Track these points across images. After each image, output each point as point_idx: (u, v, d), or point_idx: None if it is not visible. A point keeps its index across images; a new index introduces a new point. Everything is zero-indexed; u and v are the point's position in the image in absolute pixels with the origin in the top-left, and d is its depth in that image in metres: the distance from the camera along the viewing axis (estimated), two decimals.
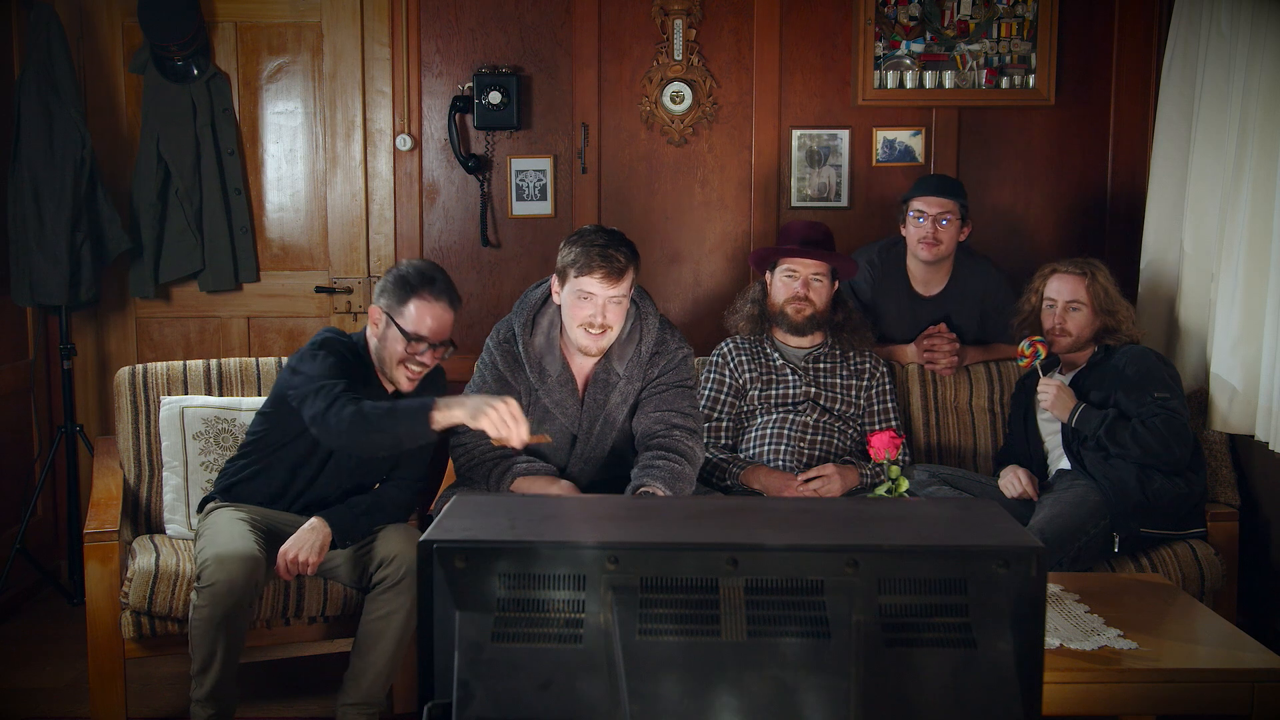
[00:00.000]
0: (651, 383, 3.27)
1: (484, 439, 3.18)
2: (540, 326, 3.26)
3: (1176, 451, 3.42)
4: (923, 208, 3.89)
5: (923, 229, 3.89)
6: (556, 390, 3.23)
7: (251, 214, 4.36)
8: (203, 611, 2.92)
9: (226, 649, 2.94)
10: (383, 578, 3.08)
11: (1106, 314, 3.62)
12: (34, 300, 4.12)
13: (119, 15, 4.30)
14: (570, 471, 3.27)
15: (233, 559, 2.92)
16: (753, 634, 1.52)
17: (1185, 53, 4.00)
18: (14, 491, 4.27)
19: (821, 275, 3.71)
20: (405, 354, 3.06)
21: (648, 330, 3.28)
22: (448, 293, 3.10)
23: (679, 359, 3.31)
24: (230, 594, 2.90)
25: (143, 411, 3.60)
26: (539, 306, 3.29)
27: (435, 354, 3.09)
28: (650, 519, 1.79)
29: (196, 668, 2.98)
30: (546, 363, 3.24)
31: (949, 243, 3.91)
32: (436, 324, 3.06)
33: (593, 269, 3.10)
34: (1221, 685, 2.50)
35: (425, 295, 3.05)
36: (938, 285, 4.02)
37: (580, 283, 3.11)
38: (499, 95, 4.24)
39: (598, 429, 3.24)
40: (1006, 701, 1.52)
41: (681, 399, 3.27)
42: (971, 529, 1.66)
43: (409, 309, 3.05)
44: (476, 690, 1.51)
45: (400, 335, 3.05)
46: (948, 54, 4.33)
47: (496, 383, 3.24)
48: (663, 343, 3.30)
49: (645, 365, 3.27)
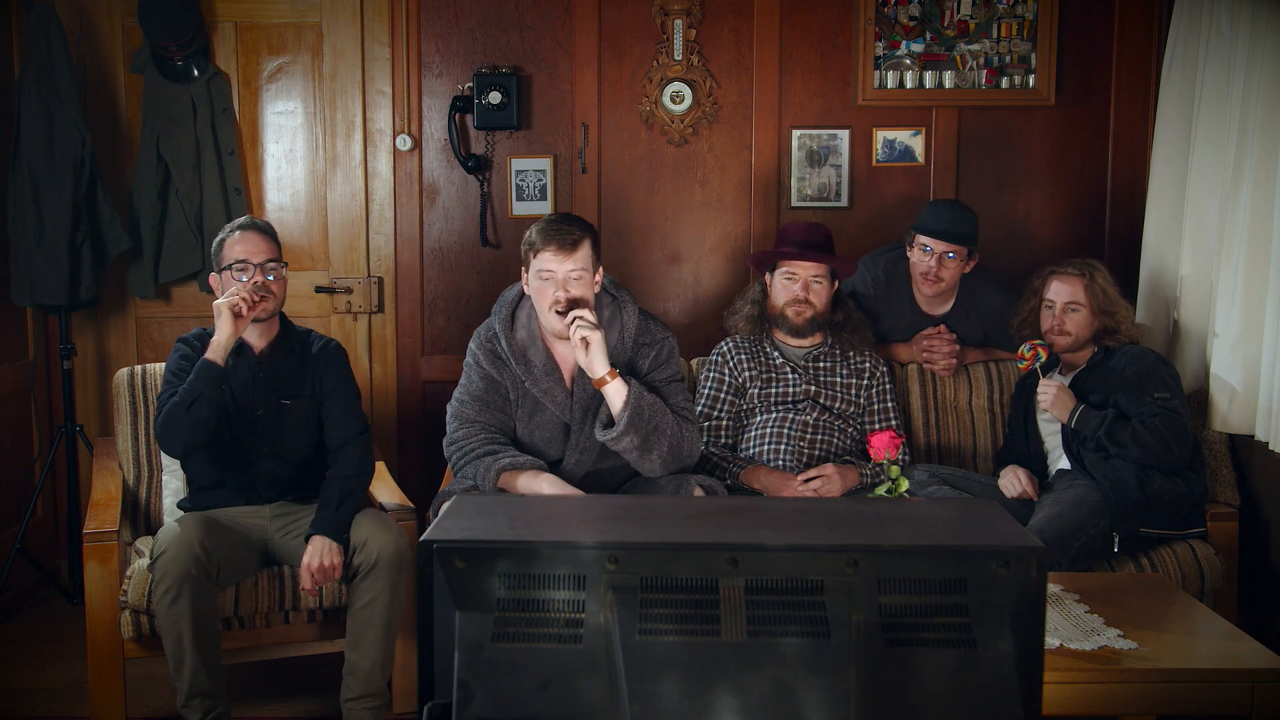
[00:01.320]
0: (643, 380, 3.28)
1: (474, 435, 3.22)
2: (520, 320, 3.30)
3: (1176, 451, 3.42)
4: (929, 243, 3.84)
5: (926, 263, 3.84)
6: (543, 380, 3.25)
7: (251, 214, 4.34)
8: (161, 587, 2.97)
9: (194, 633, 2.96)
10: (359, 564, 3.13)
11: (1105, 315, 3.62)
12: (34, 300, 4.12)
13: (119, 15, 4.30)
14: (566, 463, 3.28)
15: (176, 528, 3.04)
16: (753, 634, 1.52)
17: (1185, 53, 4.00)
18: (14, 491, 4.27)
19: (821, 277, 3.71)
20: (237, 283, 3.23)
21: (628, 317, 3.30)
22: (251, 224, 3.32)
23: (667, 350, 3.34)
24: (178, 558, 2.95)
25: (141, 413, 3.60)
26: (517, 302, 3.33)
27: (263, 271, 3.25)
28: (650, 519, 1.79)
29: (172, 664, 3.00)
30: (530, 354, 3.27)
31: (950, 280, 3.87)
32: (248, 246, 3.25)
33: (546, 244, 3.15)
34: (1221, 685, 2.50)
35: (229, 234, 3.28)
36: (942, 306, 3.99)
37: (539, 261, 3.16)
38: (499, 95, 4.24)
39: (590, 418, 3.25)
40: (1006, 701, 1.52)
41: (675, 394, 3.31)
42: (971, 529, 1.66)
43: (225, 252, 3.27)
44: (476, 690, 1.51)
45: (229, 273, 3.25)
46: (948, 54, 4.33)
47: (483, 381, 3.27)
48: (646, 331, 3.32)
49: (631, 352, 3.28)
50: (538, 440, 3.28)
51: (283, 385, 3.30)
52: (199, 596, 2.98)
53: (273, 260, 3.28)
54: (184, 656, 2.98)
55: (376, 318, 4.45)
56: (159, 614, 3.00)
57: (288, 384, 3.31)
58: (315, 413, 3.34)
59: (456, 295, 4.42)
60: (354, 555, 3.14)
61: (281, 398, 3.29)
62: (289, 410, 3.30)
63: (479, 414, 3.26)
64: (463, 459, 3.23)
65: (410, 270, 4.42)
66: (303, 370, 3.33)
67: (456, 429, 3.28)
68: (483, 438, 3.23)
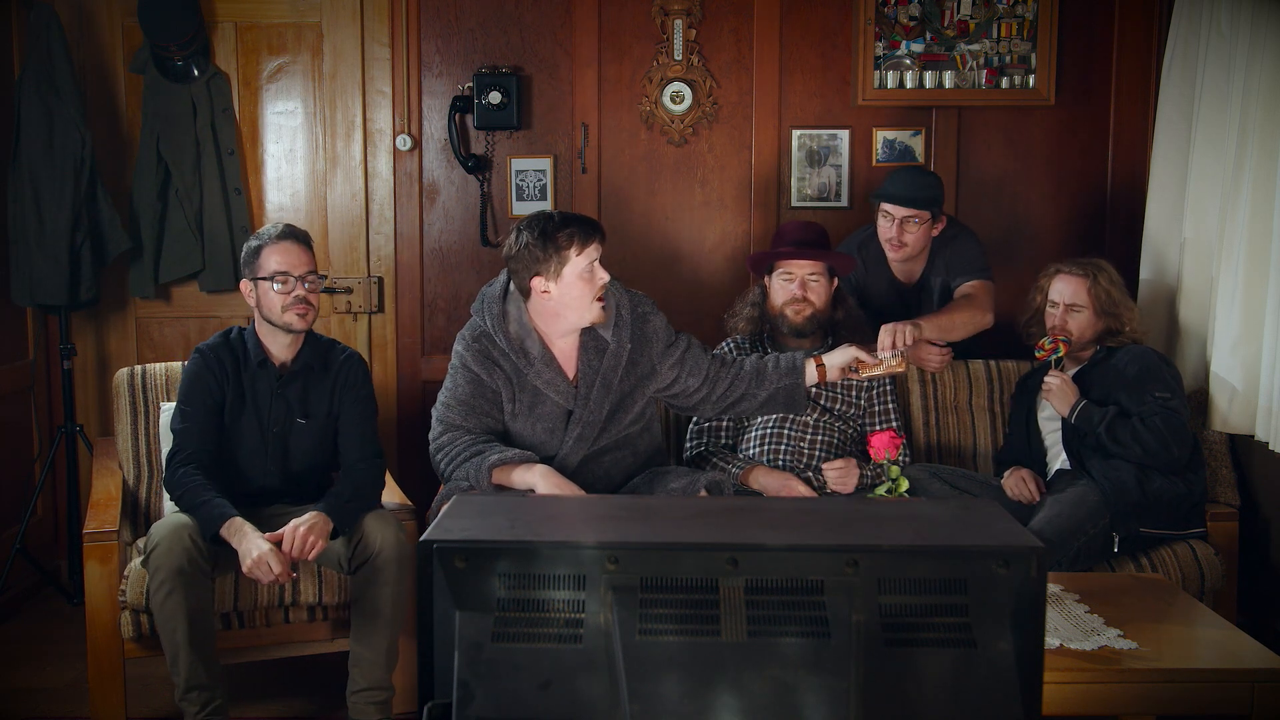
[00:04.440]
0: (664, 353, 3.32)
1: (460, 437, 3.22)
2: (510, 315, 3.27)
3: (1176, 451, 3.42)
4: (889, 209, 3.83)
5: (887, 231, 3.84)
6: (544, 370, 3.23)
7: (251, 214, 4.36)
8: (155, 581, 2.97)
9: (189, 626, 2.97)
10: (362, 556, 3.12)
11: (1109, 316, 3.61)
12: (34, 300, 4.12)
13: (119, 15, 4.30)
14: (563, 450, 3.26)
15: (168, 523, 3.05)
16: (753, 634, 1.52)
17: (1185, 53, 4.00)
18: (14, 491, 4.27)
19: (818, 274, 3.71)
20: (281, 295, 3.19)
21: (612, 291, 3.29)
22: (291, 233, 3.27)
23: (662, 321, 3.36)
24: (170, 552, 2.96)
25: (141, 413, 3.60)
26: (503, 297, 3.30)
27: (304, 284, 3.22)
28: (650, 519, 1.79)
29: (169, 658, 3.01)
30: (528, 345, 3.24)
31: (914, 245, 3.86)
32: (289, 258, 3.21)
33: (591, 238, 3.16)
34: (1221, 685, 2.50)
35: (270, 243, 3.23)
36: (916, 271, 3.99)
37: (587, 253, 3.15)
38: (499, 95, 4.24)
39: (594, 394, 3.25)
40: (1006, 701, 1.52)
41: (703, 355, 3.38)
42: (971, 529, 1.66)
43: (261, 261, 3.22)
44: (476, 690, 1.51)
45: (267, 284, 3.20)
46: (948, 54, 4.33)
47: (469, 384, 3.24)
48: (637, 300, 3.34)
49: (630, 326, 3.29)
50: (539, 432, 3.27)
51: (300, 404, 3.27)
52: (193, 590, 2.98)
53: (312, 272, 3.25)
54: (180, 650, 2.98)
55: (376, 318, 4.45)
56: (154, 608, 3.01)
57: (305, 403, 3.28)
58: (330, 429, 3.32)
59: (456, 295, 4.42)
60: (356, 547, 3.13)
61: (297, 416, 3.27)
62: (302, 429, 3.28)
63: (464, 419, 3.23)
64: (450, 464, 3.21)
65: (410, 270, 4.42)
66: (321, 387, 3.30)
67: (440, 433, 3.25)
68: (467, 440, 3.19)
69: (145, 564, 3.03)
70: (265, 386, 3.23)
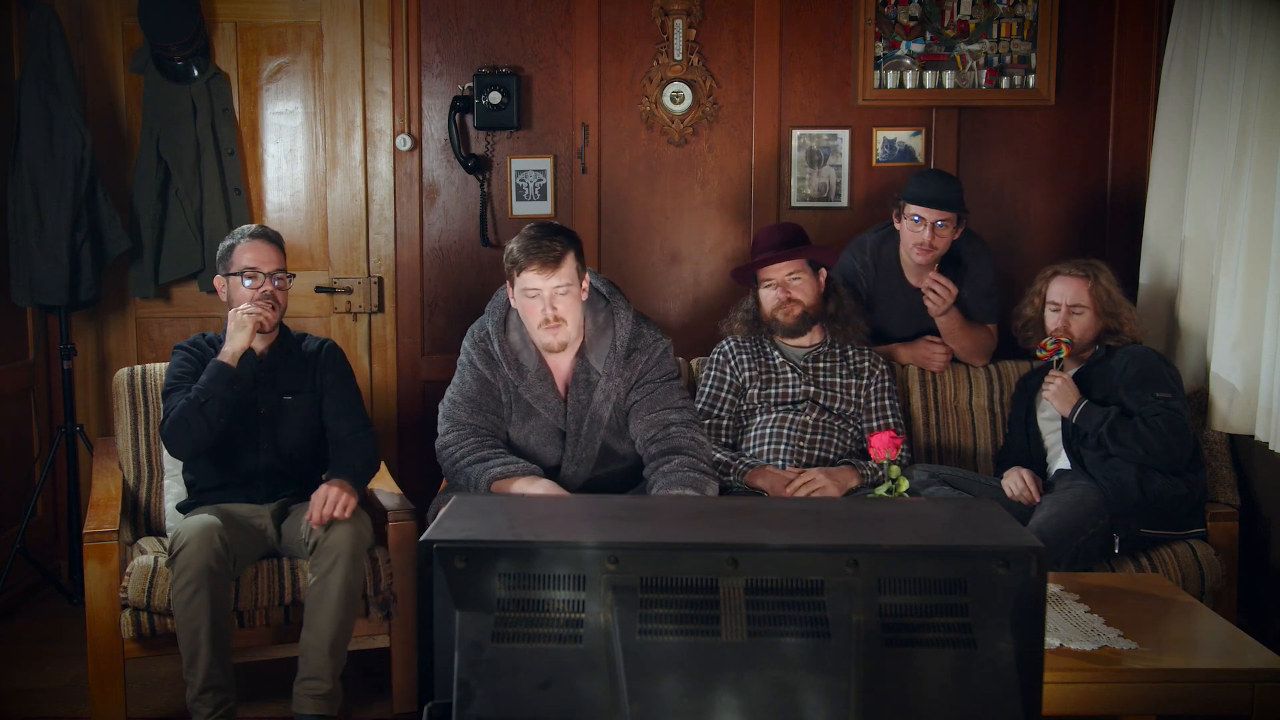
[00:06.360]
0: (637, 385, 3.23)
1: (465, 440, 3.19)
2: (513, 323, 3.25)
3: (1176, 451, 3.42)
4: (920, 213, 3.84)
5: (919, 235, 3.83)
6: (536, 385, 3.22)
7: (251, 214, 4.36)
8: (181, 580, 2.98)
9: (211, 626, 2.98)
10: (316, 539, 3.13)
11: (1109, 316, 3.62)
12: (34, 300, 4.12)
13: (119, 15, 4.30)
14: (564, 471, 3.26)
15: (196, 523, 3.06)
16: (753, 634, 1.52)
17: (1185, 53, 4.00)
18: (14, 491, 4.27)
19: (798, 272, 3.70)
20: (250, 290, 3.31)
21: (621, 324, 3.22)
22: (263, 233, 3.39)
23: (659, 352, 3.25)
24: (200, 551, 2.98)
25: (141, 413, 3.60)
26: (509, 304, 3.28)
27: (273, 280, 3.34)
28: (650, 519, 1.79)
29: (186, 658, 3.01)
30: (523, 358, 3.23)
31: (944, 247, 3.87)
32: (260, 255, 3.33)
33: (530, 262, 3.09)
34: (1221, 685, 2.50)
35: (242, 241, 3.36)
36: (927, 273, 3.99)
37: (523, 280, 3.12)
38: (499, 95, 4.24)
39: (585, 428, 3.23)
40: (1006, 701, 1.51)
41: (671, 394, 3.23)
42: (971, 529, 1.66)
43: (234, 258, 3.35)
44: (476, 690, 1.51)
45: (238, 279, 3.32)
46: (948, 54, 4.33)
47: (476, 381, 3.24)
48: (639, 336, 3.24)
49: (623, 361, 3.22)
50: (533, 444, 3.26)
51: (283, 382, 3.38)
52: (218, 590, 3.01)
53: (280, 271, 3.36)
54: (199, 650, 2.99)
55: (376, 318, 4.45)
56: (176, 607, 3.00)
57: (288, 380, 3.39)
58: (315, 408, 3.40)
59: (456, 295, 4.42)
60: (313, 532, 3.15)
61: (283, 394, 3.37)
62: (289, 405, 3.37)
63: (470, 415, 3.23)
64: (453, 467, 3.20)
65: (410, 270, 4.42)
66: (302, 367, 3.41)
67: (447, 431, 3.24)
68: (473, 442, 3.18)
69: (170, 563, 3.03)
70: (247, 371, 3.29)
